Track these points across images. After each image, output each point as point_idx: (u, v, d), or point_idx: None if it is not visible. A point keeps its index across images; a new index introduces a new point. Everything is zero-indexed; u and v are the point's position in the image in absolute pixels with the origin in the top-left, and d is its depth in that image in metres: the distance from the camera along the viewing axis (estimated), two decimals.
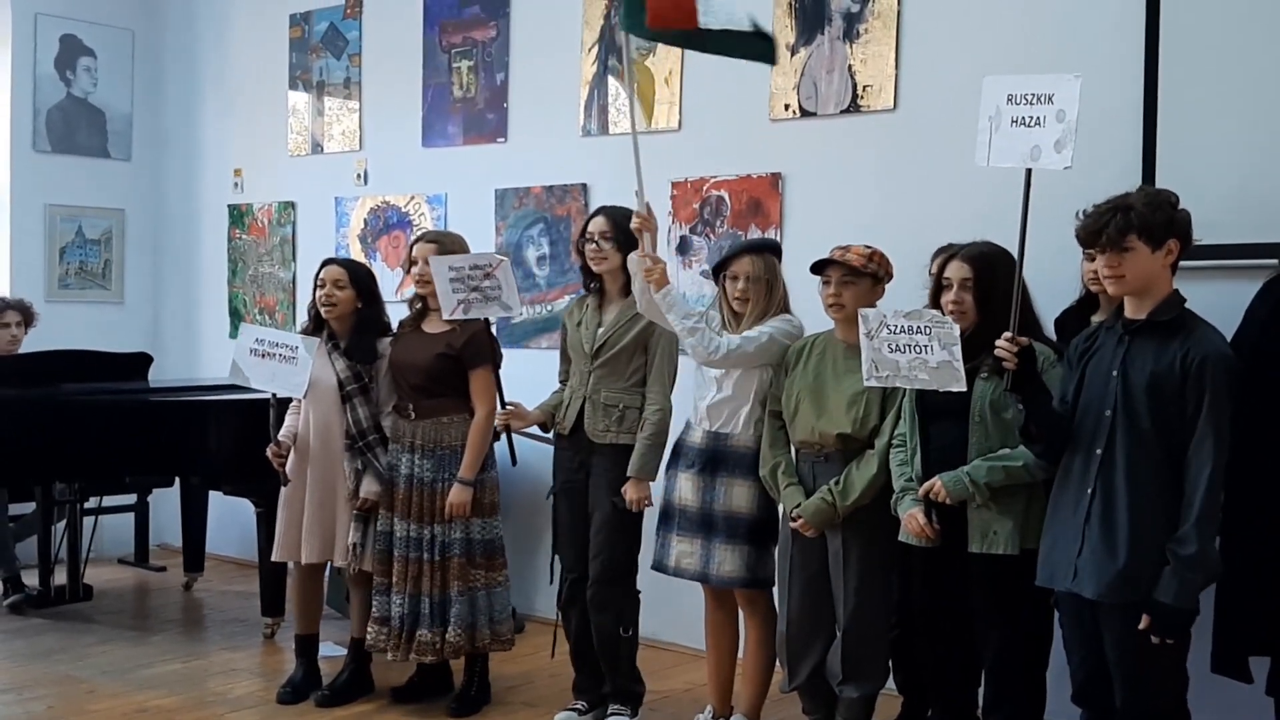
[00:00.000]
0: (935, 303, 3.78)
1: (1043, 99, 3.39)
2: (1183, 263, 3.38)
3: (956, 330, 3.52)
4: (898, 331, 3.60)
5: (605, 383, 4.48)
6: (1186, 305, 3.36)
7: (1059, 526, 3.43)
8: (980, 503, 3.63)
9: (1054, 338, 4.03)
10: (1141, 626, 3.23)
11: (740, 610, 4.51)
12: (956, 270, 3.72)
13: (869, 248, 4.10)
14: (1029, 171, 3.41)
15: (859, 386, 3.92)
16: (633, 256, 4.28)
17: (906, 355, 3.59)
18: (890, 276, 4.13)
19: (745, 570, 4.31)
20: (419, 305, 4.85)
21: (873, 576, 4.06)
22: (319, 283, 4.90)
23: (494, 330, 4.93)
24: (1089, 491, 3.34)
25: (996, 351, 3.38)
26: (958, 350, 3.50)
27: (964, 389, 3.53)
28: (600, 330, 4.51)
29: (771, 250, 4.44)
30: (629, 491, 4.43)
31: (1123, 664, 3.33)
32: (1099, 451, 3.32)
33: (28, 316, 6.58)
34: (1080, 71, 4.49)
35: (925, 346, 3.55)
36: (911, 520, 3.76)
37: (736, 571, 4.31)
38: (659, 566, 4.48)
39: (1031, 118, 3.39)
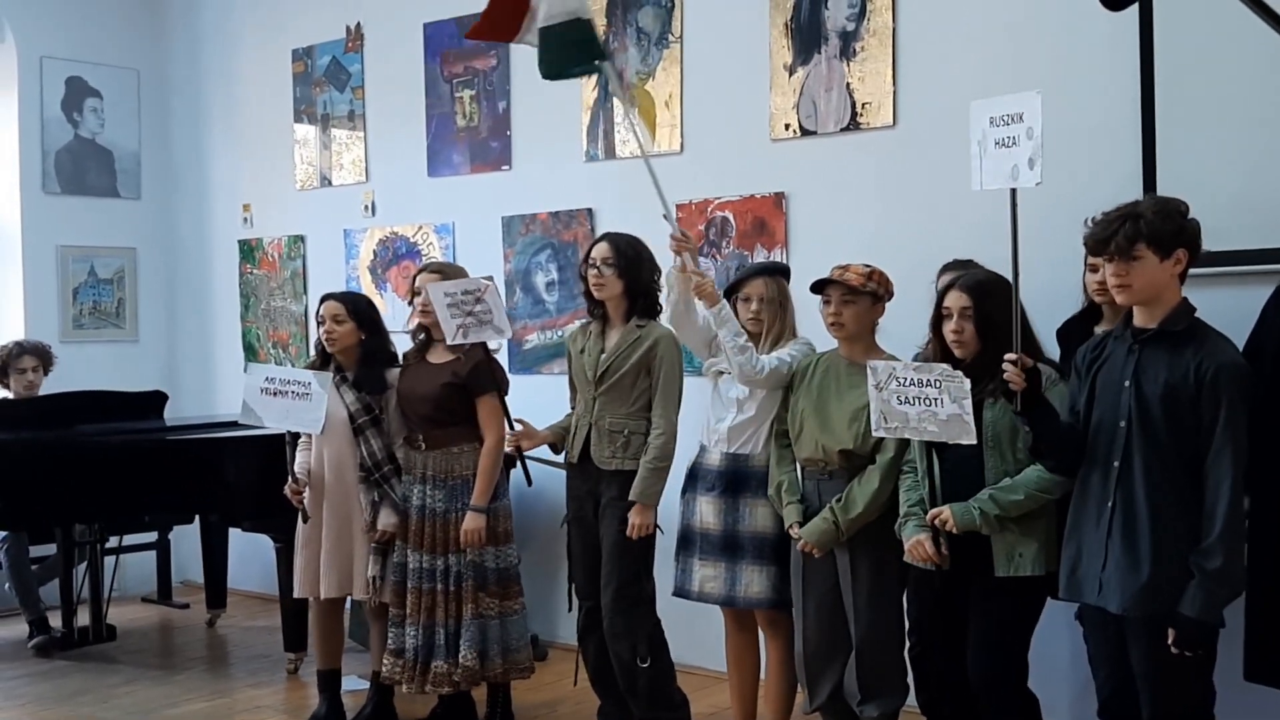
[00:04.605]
0: (936, 329, 3.79)
1: (1015, 118, 3.40)
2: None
3: (968, 385, 3.51)
4: (907, 384, 3.61)
5: (610, 409, 4.49)
6: (1196, 314, 3.35)
7: (1081, 541, 3.42)
8: (989, 533, 3.63)
9: (1056, 350, 4.04)
10: (1169, 642, 3.23)
11: (761, 632, 4.52)
12: (955, 300, 3.73)
13: (868, 266, 4.11)
14: (1014, 191, 3.42)
15: (861, 402, 3.93)
16: (671, 272, 4.31)
17: (916, 408, 3.60)
18: (890, 295, 4.15)
19: (772, 591, 4.32)
20: (422, 336, 4.88)
21: (883, 593, 4.07)
22: (319, 319, 4.93)
23: (501, 355, 4.96)
24: (1109, 505, 3.33)
25: (1004, 375, 3.38)
26: (968, 404, 3.50)
27: (974, 442, 3.53)
28: (603, 356, 4.52)
29: (781, 272, 4.50)
30: (633, 518, 4.44)
31: (1149, 677, 3.32)
32: (1116, 464, 3.32)
33: (45, 360, 6.61)
34: (1077, 84, 4.56)
35: (935, 399, 3.55)
36: (918, 547, 3.76)
37: (764, 592, 4.33)
38: (681, 592, 4.50)
39: (1009, 138, 3.40)
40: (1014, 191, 3.42)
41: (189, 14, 7.84)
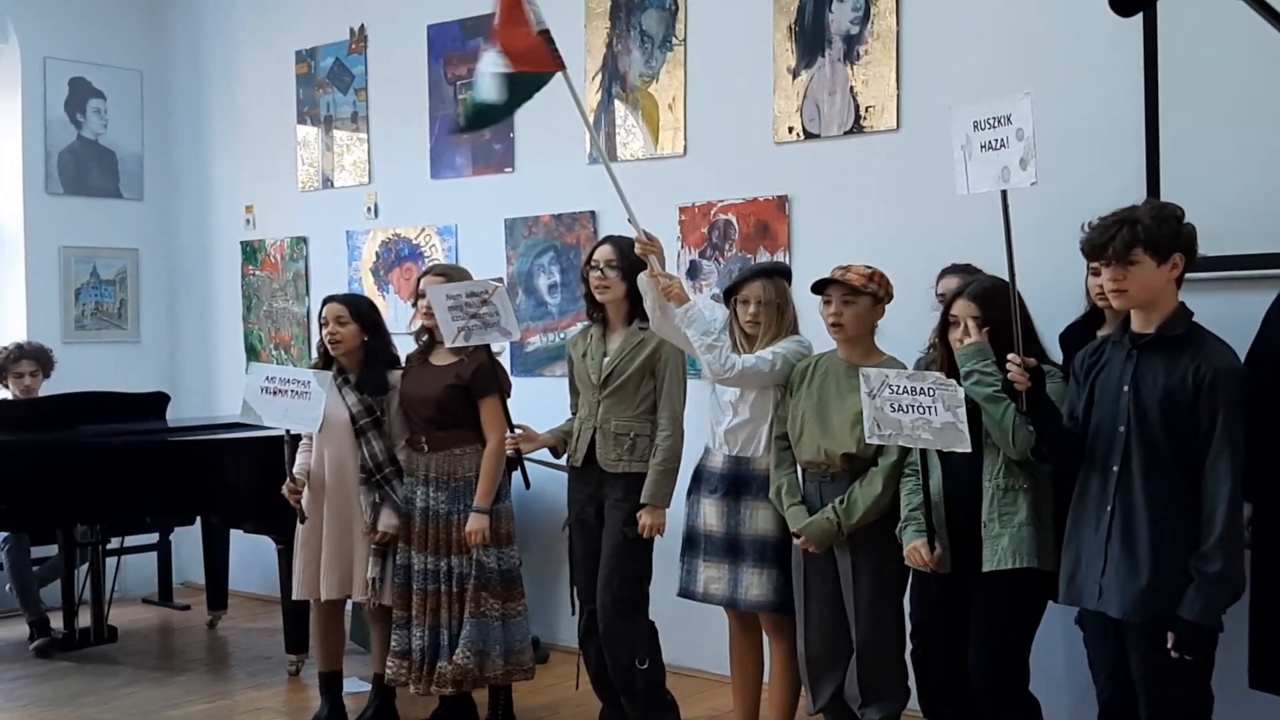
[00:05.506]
0: (943, 337, 3.79)
1: (1002, 120, 3.41)
2: (1187, 274, 3.38)
3: (961, 393, 3.51)
4: (900, 392, 3.60)
5: (614, 411, 4.49)
6: (1194, 319, 3.35)
7: (1080, 545, 3.42)
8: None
9: (1059, 354, 4.03)
10: (1169, 645, 3.22)
11: (765, 634, 4.51)
12: (963, 309, 3.72)
13: (869, 268, 4.12)
14: (1004, 193, 3.42)
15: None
16: (643, 278, 4.30)
17: (910, 415, 3.59)
18: (890, 297, 4.15)
19: (773, 594, 4.31)
20: (425, 338, 4.87)
21: (884, 595, 4.07)
22: (322, 320, 4.93)
23: (504, 358, 4.95)
24: (1108, 510, 3.33)
25: (1009, 375, 3.39)
26: (962, 412, 3.49)
27: (968, 450, 3.53)
28: (606, 359, 4.52)
29: (781, 274, 4.47)
30: (644, 518, 4.44)
31: (1148, 682, 3.32)
32: (1115, 469, 3.32)
33: (44, 364, 6.59)
34: (1081, 87, 4.57)
35: (929, 408, 3.55)
36: (915, 553, 3.76)
37: (765, 595, 4.32)
38: (686, 593, 4.49)
39: (997, 140, 3.42)
40: (1004, 194, 3.42)
41: (192, 15, 7.84)
